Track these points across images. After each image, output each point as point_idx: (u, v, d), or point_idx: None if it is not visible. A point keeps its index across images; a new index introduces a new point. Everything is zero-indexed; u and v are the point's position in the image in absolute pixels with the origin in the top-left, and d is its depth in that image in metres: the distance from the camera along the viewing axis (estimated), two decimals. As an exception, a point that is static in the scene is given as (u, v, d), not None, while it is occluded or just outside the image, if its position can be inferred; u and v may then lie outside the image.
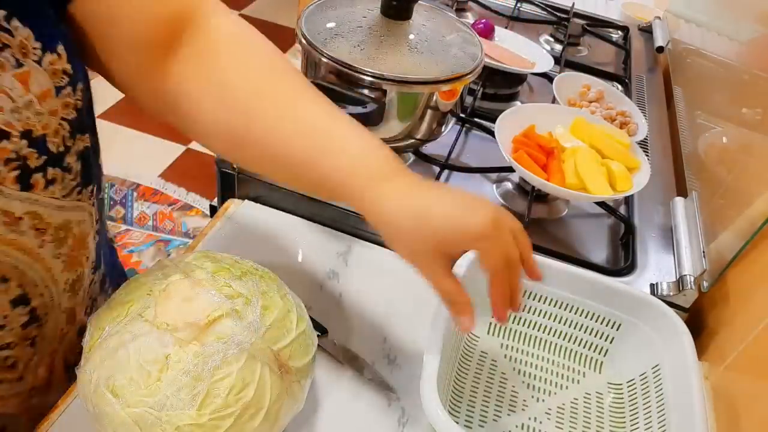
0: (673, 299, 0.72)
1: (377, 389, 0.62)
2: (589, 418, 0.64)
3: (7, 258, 0.52)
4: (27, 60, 0.48)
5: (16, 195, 0.50)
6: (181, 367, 0.47)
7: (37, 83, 0.49)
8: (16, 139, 0.48)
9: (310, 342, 0.55)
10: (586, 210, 0.87)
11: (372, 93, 0.73)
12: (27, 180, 0.51)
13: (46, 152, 0.51)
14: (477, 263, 0.65)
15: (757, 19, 0.91)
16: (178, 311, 0.49)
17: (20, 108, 0.48)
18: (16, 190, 0.50)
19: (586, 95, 1.02)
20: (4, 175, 0.49)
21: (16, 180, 0.50)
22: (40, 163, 0.51)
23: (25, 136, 0.49)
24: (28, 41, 0.48)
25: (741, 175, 0.75)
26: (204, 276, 0.52)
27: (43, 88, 0.49)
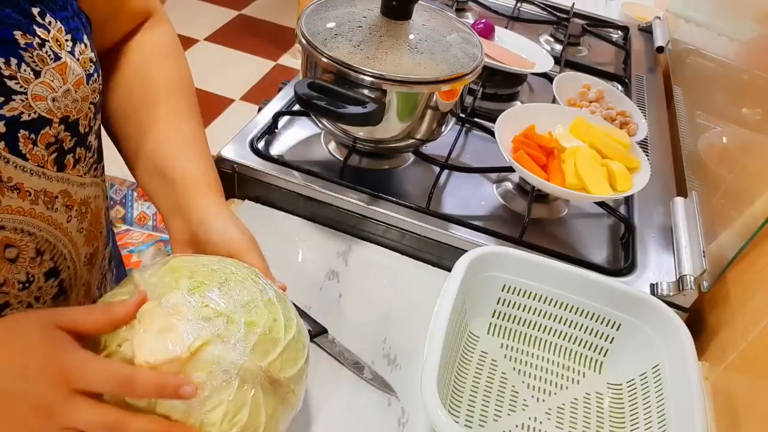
0: (673, 299, 0.72)
1: (377, 389, 0.62)
2: (589, 418, 0.64)
3: (42, 233, 0.57)
4: (62, 52, 0.53)
5: (54, 176, 0.56)
6: (169, 404, 0.45)
7: (72, 73, 0.54)
8: (56, 125, 0.54)
9: (300, 346, 0.53)
10: (586, 210, 0.87)
11: (372, 93, 0.73)
12: (62, 161, 0.57)
13: (77, 134, 0.57)
14: (476, 263, 0.65)
15: (756, 19, 0.91)
16: (157, 345, 0.46)
17: (59, 97, 0.53)
18: (54, 171, 0.56)
19: (586, 95, 1.02)
20: (46, 158, 0.55)
21: (54, 162, 0.56)
22: (71, 145, 0.57)
23: (63, 122, 0.55)
24: (60, 34, 0.53)
25: (741, 175, 0.75)
26: (179, 299, 0.48)
27: (77, 77, 0.55)
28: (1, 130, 0.50)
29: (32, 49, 0.51)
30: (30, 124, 0.52)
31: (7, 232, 0.54)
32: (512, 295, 0.69)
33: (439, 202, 0.83)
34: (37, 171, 0.54)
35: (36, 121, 0.52)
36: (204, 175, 0.62)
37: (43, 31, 0.52)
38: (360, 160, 0.86)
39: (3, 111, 0.50)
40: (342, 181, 0.80)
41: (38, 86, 0.51)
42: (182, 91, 0.67)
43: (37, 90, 0.51)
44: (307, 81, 0.73)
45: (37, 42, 0.51)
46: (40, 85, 0.52)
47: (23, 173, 0.53)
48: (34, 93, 0.51)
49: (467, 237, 0.76)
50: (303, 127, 0.91)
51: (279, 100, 0.94)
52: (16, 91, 0.50)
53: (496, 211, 0.84)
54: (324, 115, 0.76)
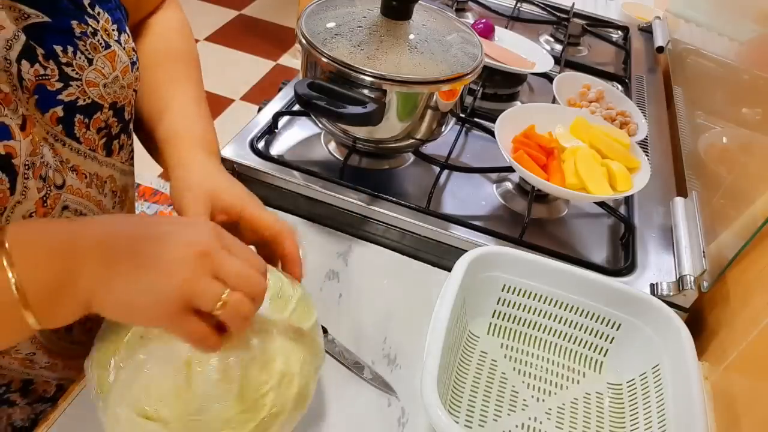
0: (673, 299, 0.72)
1: (377, 389, 0.62)
2: (589, 418, 0.64)
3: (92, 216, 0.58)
4: (111, 41, 0.56)
5: (104, 160, 0.59)
6: (206, 365, 0.47)
7: (120, 61, 0.57)
8: (106, 110, 0.57)
9: (310, 300, 0.56)
10: (586, 210, 0.87)
11: (372, 93, 0.73)
12: (110, 146, 0.59)
13: (122, 120, 0.60)
14: (476, 263, 0.65)
15: (756, 19, 0.91)
16: None
17: (109, 83, 0.56)
18: (103, 156, 0.59)
19: (586, 95, 1.02)
20: (97, 142, 0.57)
21: (104, 146, 0.58)
22: (117, 131, 0.60)
23: (111, 107, 0.57)
24: (108, 24, 0.56)
25: (741, 175, 0.75)
26: None
27: (124, 64, 0.57)
28: (59, 114, 0.53)
29: (86, 38, 0.54)
30: (84, 108, 0.55)
31: (69, 213, 0.56)
32: (512, 295, 0.69)
33: (439, 202, 0.83)
34: (89, 154, 0.57)
35: (90, 107, 0.55)
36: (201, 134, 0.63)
37: (93, 21, 0.55)
38: (360, 160, 0.86)
39: (62, 96, 0.53)
40: (342, 181, 0.80)
41: (92, 73, 0.54)
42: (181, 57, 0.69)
43: (90, 76, 0.54)
44: (307, 81, 0.73)
45: (90, 31, 0.54)
46: (93, 71, 0.54)
47: (78, 156, 0.56)
48: (88, 79, 0.54)
49: (467, 237, 0.76)
50: (303, 127, 0.91)
51: (279, 100, 0.94)
52: (72, 77, 0.53)
53: (496, 211, 0.84)
54: (324, 115, 0.76)
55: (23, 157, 0.49)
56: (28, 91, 0.50)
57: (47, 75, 0.51)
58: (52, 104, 0.52)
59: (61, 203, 0.55)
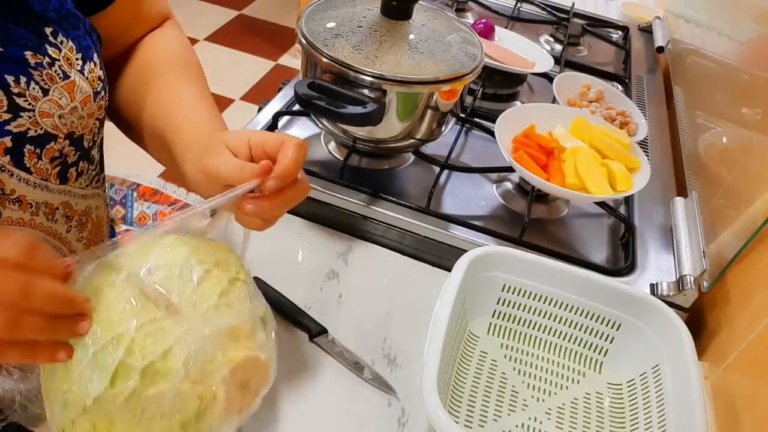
0: (673, 299, 0.72)
1: (377, 389, 0.62)
2: (589, 418, 0.64)
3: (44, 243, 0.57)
4: (72, 71, 0.55)
5: (56, 188, 0.57)
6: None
7: (80, 91, 0.55)
8: (61, 140, 0.55)
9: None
10: (586, 210, 0.87)
11: (372, 93, 0.73)
12: (65, 174, 0.58)
13: (80, 149, 0.58)
14: (476, 263, 0.65)
15: (757, 19, 0.91)
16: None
17: (66, 114, 0.54)
18: (56, 185, 0.57)
19: (586, 95, 1.02)
20: (50, 172, 0.56)
21: (57, 175, 0.57)
22: (75, 159, 0.58)
23: (68, 137, 0.56)
24: (71, 53, 0.55)
25: (741, 175, 0.75)
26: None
27: (84, 95, 0.56)
28: (7, 144, 0.52)
29: (42, 69, 0.52)
30: (36, 139, 0.53)
31: None
32: (512, 295, 0.69)
33: (439, 202, 0.83)
34: (40, 184, 0.55)
35: (42, 137, 0.54)
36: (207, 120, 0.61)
37: (55, 50, 0.53)
38: (360, 160, 0.86)
39: (10, 127, 0.51)
40: (342, 181, 0.80)
41: (46, 104, 0.53)
42: (180, 63, 0.67)
43: (44, 107, 0.53)
44: (307, 81, 0.73)
45: (47, 61, 0.53)
46: (47, 102, 0.53)
47: (27, 186, 0.54)
48: (42, 110, 0.53)
49: (467, 237, 0.76)
50: (303, 127, 0.91)
51: (279, 100, 0.94)
52: (24, 108, 0.51)
53: (496, 211, 0.84)
54: (324, 115, 0.76)
55: None
56: None
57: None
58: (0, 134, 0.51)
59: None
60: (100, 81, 0.58)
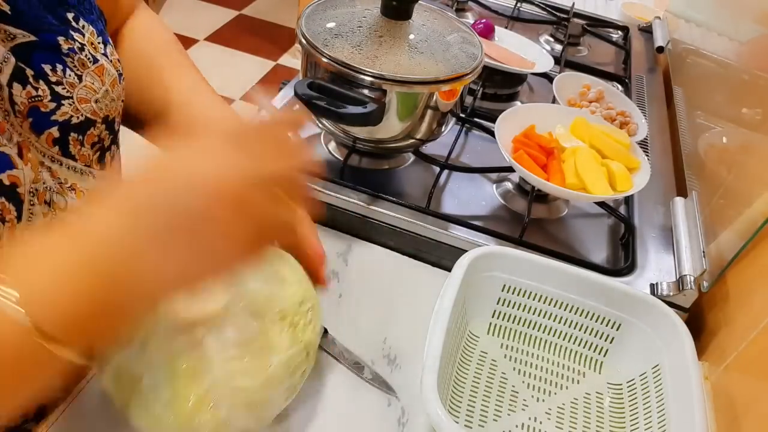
0: (673, 299, 0.72)
1: (377, 389, 0.62)
2: (589, 418, 0.64)
3: None
4: (98, 54, 0.55)
5: (99, 174, 0.58)
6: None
7: (108, 74, 0.56)
8: (99, 125, 0.56)
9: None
10: (586, 210, 0.87)
11: (372, 93, 0.73)
12: (103, 159, 0.58)
13: (113, 132, 0.59)
14: (476, 263, 0.65)
15: (757, 19, 0.91)
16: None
17: (100, 98, 0.55)
18: (99, 170, 0.58)
19: (586, 95, 1.02)
20: (91, 158, 0.56)
21: (98, 161, 0.57)
22: (109, 143, 0.59)
23: (104, 121, 0.56)
24: (93, 37, 0.55)
25: (741, 175, 0.75)
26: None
27: (112, 77, 0.56)
28: (54, 135, 0.52)
29: (74, 54, 0.52)
30: (78, 126, 0.54)
31: None
32: (512, 295, 0.69)
33: (439, 202, 0.83)
34: (85, 170, 0.56)
35: (83, 124, 0.54)
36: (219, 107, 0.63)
37: (79, 35, 0.54)
38: (360, 160, 0.86)
39: (56, 116, 0.51)
40: (342, 181, 0.80)
41: (82, 89, 0.53)
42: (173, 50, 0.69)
43: (81, 93, 0.53)
44: (307, 81, 0.73)
45: (77, 46, 0.53)
46: (84, 88, 0.53)
47: (75, 174, 0.55)
48: (80, 96, 0.53)
49: (467, 237, 0.76)
50: (303, 127, 0.91)
51: (279, 100, 0.94)
52: (64, 96, 0.52)
53: (496, 211, 0.84)
54: (324, 115, 0.76)
55: (27, 185, 0.48)
56: (22, 115, 0.49)
57: (39, 96, 0.49)
58: (47, 126, 0.51)
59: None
60: (119, 63, 0.58)
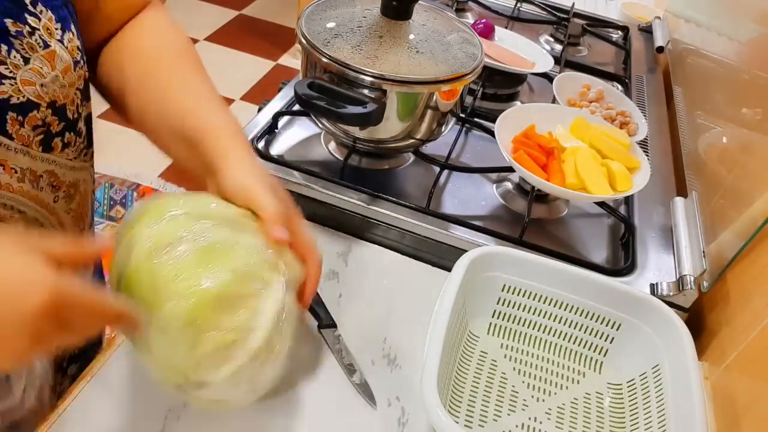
0: (673, 299, 0.72)
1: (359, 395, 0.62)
2: (589, 418, 0.64)
3: (30, 211, 0.59)
4: (52, 40, 0.55)
5: (39, 156, 0.58)
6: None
7: (60, 60, 0.56)
8: (44, 109, 0.56)
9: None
10: (586, 210, 0.87)
11: (372, 93, 0.73)
12: (49, 143, 0.58)
13: (65, 119, 0.59)
14: (476, 263, 0.65)
15: (757, 19, 0.91)
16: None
17: (48, 83, 0.55)
18: (39, 152, 0.58)
19: (586, 95, 1.02)
20: (32, 139, 0.57)
21: (40, 143, 0.58)
22: (59, 129, 0.59)
23: (50, 106, 0.57)
24: (51, 23, 0.55)
25: (741, 175, 0.75)
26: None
27: (64, 64, 0.56)
28: None
29: (22, 37, 0.53)
30: (18, 107, 0.54)
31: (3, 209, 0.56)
32: (512, 295, 0.69)
33: (439, 202, 0.83)
34: (21, 149, 0.56)
35: (24, 105, 0.55)
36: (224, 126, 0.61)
37: (35, 19, 0.54)
38: (360, 160, 0.86)
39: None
40: (342, 181, 0.80)
41: (27, 72, 0.54)
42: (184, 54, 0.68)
43: (26, 75, 0.54)
44: (307, 81, 0.73)
45: (27, 30, 0.53)
46: (29, 71, 0.54)
47: (8, 151, 0.55)
48: (23, 78, 0.53)
49: (467, 237, 0.76)
50: (303, 127, 0.91)
51: (279, 100, 0.94)
52: (5, 75, 0.52)
53: (496, 211, 0.84)
54: (324, 115, 0.76)
55: None
56: None
57: None
58: None
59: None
60: (78, 51, 0.59)
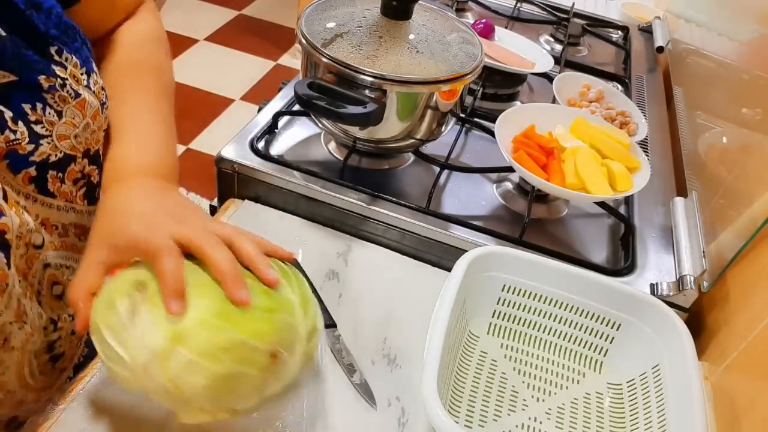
0: (673, 299, 0.72)
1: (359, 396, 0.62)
2: (589, 418, 0.64)
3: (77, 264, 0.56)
4: (80, 87, 0.53)
5: (84, 210, 0.57)
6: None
7: (90, 106, 0.54)
8: (80, 160, 0.54)
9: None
10: (586, 210, 0.87)
11: (372, 93, 0.73)
12: (92, 195, 0.57)
13: (98, 165, 0.57)
14: (476, 263, 0.65)
15: (757, 19, 0.91)
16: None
17: (80, 132, 0.53)
18: (84, 206, 0.56)
19: (586, 95, 1.02)
20: (75, 193, 0.55)
21: (84, 197, 0.56)
22: (98, 178, 0.57)
23: (85, 155, 0.55)
24: (76, 69, 0.53)
25: (741, 175, 0.75)
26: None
27: (94, 109, 0.54)
28: (32, 174, 0.51)
29: (54, 91, 0.51)
30: (57, 164, 0.52)
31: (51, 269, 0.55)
32: (512, 295, 0.69)
33: (439, 202, 0.83)
34: (64, 206, 0.54)
35: (62, 160, 0.53)
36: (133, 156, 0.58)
37: (61, 69, 0.51)
38: (360, 160, 0.86)
39: (33, 157, 0.50)
40: (342, 181, 0.80)
41: (62, 126, 0.52)
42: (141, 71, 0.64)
43: (61, 130, 0.52)
44: (307, 81, 0.73)
45: (59, 83, 0.51)
46: (63, 125, 0.52)
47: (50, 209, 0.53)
48: (59, 133, 0.52)
49: (467, 237, 0.76)
50: (303, 127, 0.91)
51: (279, 100, 0.94)
52: (42, 135, 0.50)
53: (496, 211, 0.84)
54: (324, 115, 0.76)
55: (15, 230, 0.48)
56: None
57: (18, 139, 0.48)
58: (24, 165, 0.50)
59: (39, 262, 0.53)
60: (103, 90, 0.56)
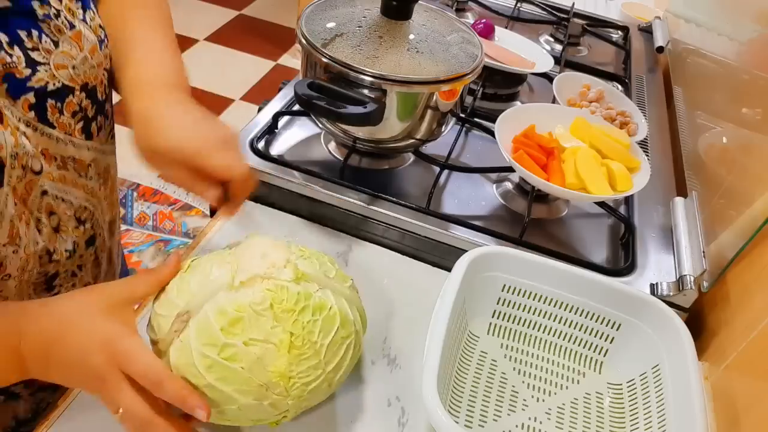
0: (673, 299, 0.72)
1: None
2: (589, 418, 0.64)
3: (82, 202, 0.59)
4: (76, 20, 0.54)
5: (83, 144, 0.58)
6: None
7: (87, 40, 0.55)
8: (78, 93, 0.55)
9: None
10: (586, 210, 0.87)
11: (372, 93, 0.73)
12: (89, 129, 0.58)
13: (96, 102, 0.59)
14: (476, 263, 0.65)
15: (756, 19, 0.91)
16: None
17: (78, 65, 0.54)
18: (83, 140, 0.57)
19: (586, 95, 1.02)
20: (73, 126, 0.56)
21: (82, 131, 0.57)
22: (93, 113, 0.58)
23: (83, 89, 0.56)
24: (71, 3, 0.55)
25: (741, 175, 0.75)
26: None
27: (91, 44, 0.56)
28: (31, 101, 0.52)
29: (49, 20, 0.52)
30: (55, 93, 0.54)
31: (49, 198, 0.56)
32: (512, 295, 0.69)
33: (439, 202, 0.83)
34: (63, 139, 0.56)
35: (61, 90, 0.54)
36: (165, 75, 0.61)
37: (56, 0, 0.53)
38: (360, 160, 0.86)
39: (31, 83, 0.52)
40: (342, 181, 0.80)
41: (59, 56, 0.53)
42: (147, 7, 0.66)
43: (58, 59, 0.53)
44: (307, 81, 0.73)
45: (53, 12, 0.53)
46: (60, 54, 0.53)
47: (50, 140, 0.55)
48: (56, 62, 0.53)
49: (467, 237, 0.76)
50: (303, 127, 0.91)
51: (279, 100, 0.94)
52: (39, 62, 0.52)
53: (496, 211, 0.84)
54: (324, 115, 0.76)
55: (9, 148, 0.49)
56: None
57: (14, 63, 0.50)
58: (23, 91, 0.51)
59: (38, 188, 0.54)
60: (101, 29, 0.58)
